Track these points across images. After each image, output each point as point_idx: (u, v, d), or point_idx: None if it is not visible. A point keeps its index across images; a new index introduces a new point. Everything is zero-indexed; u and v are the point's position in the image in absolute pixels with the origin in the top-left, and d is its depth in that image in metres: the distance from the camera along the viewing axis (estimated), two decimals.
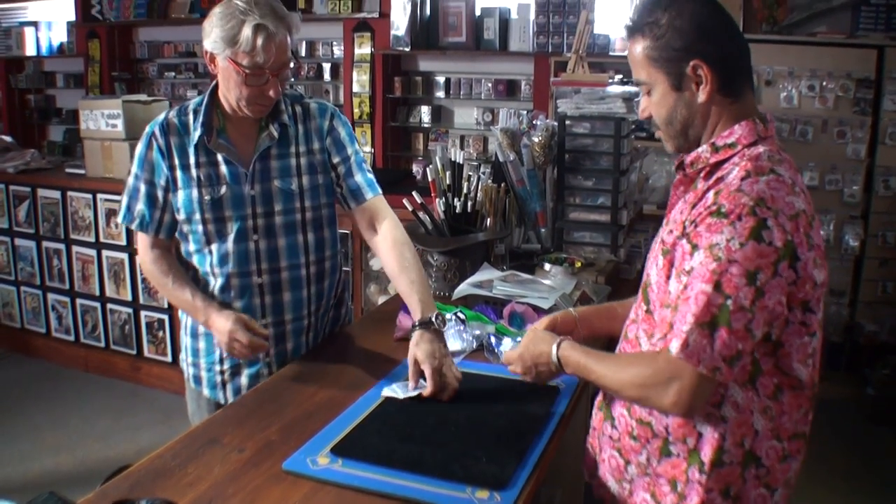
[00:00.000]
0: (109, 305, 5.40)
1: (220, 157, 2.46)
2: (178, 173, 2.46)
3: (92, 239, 5.34)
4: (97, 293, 5.42)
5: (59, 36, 8.26)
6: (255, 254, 2.51)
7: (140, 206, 2.49)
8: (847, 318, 5.24)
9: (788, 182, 1.63)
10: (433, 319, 2.27)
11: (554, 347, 1.94)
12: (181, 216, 2.48)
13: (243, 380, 2.61)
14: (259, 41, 2.26)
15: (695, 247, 1.62)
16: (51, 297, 5.69)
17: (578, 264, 3.21)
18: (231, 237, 2.48)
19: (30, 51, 8.24)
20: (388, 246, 2.53)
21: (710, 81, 1.71)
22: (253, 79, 2.32)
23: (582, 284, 2.96)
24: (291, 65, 2.40)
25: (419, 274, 2.45)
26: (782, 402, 1.69)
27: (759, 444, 1.70)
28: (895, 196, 5.05)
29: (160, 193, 2.48)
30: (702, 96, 1.73)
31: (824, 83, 5.05)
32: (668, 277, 1.71)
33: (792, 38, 5.19)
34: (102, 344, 5.51)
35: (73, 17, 7.92)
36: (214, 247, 2.50)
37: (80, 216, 5.35)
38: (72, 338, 5.66)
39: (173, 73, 7.60)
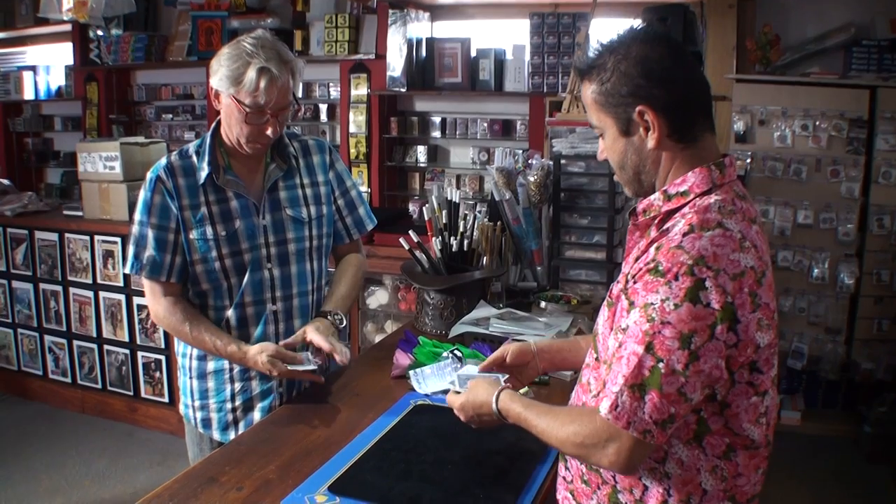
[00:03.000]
0: (106, 347, 5.39)
1: (230, 193, 2.53)
2: (189, 213, 2.50)
3: (89, 280, 5.35)
4: (94, 335, 5.42)
5: (58, 80, 8.28)
6: (269, 282, 2.58)
7: (150, 252, 2.50)
8: (843, 357, 5.23)
9: (737, 237, 1.56)
10: (332, 313, 2.61)
11: (493, 399, 1.87)
12: (196, 255, 2.51)
13: (256, 414, 2.62)
14: (262, 83, 2.34)
15: (632, 304, 1.57)
16: (48, 338, 5.68)
17: (574, 302, 3.22)
18: (247, 268, 2.54)
19: (28, 95, 8.25)
20: (348, 260, 2.87)
21: (657, 127, 1.64)
22: (253, 117, 2.39)
23: (578, 321, 2.97)
24: (292, 108, 2.49)
25: (352, 281, 2.78)
26: (737, 463, 1.64)
27: None
28: (889, 234, 5.07)
29: (171, 237, 2.50)
30: (650, 142, 1.66)
31: (817, 123, 5.09)
32: (612, 330, 1.65)
33: (785, 79, 5.24)
34: (99, 385, 5.49)
35: (71, 62, 7.94)
36: (232, 279, 2.55)
37: (77, 258, 5.36)
38: (68, 379, 5.64)
39: (171, 116, 7.61)
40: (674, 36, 1.72)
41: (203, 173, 2.50)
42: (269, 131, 2.44)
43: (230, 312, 2.57)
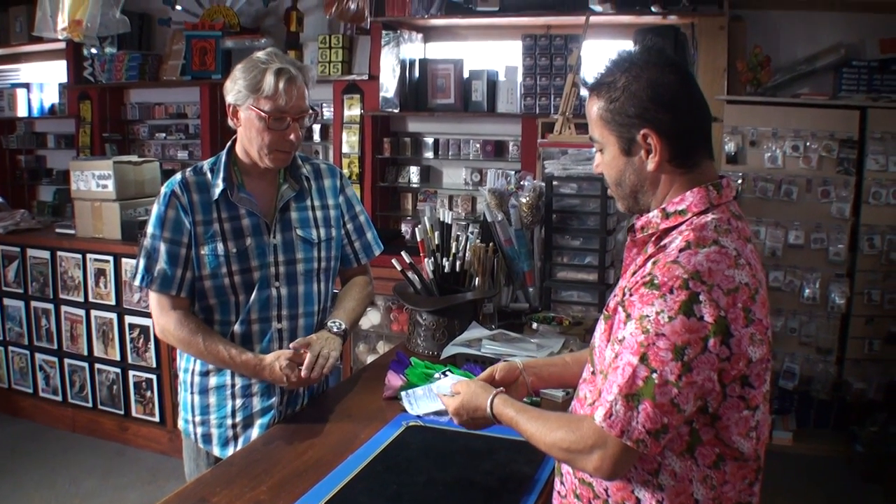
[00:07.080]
0: (97, 365, 5.38)
1: (242, 211, 2.56)
2: (201, 229, 2.52)
3: (81, 299, 5.34)
4: (85, 353, 5.40)
5: (51, 97, 8.29)
6: (276, 300, 2.60)
7: (161, 266, 2.52)
8: (834, 376, 5.24)
9: (732, 254, 1.59)
10: (334, 324, 2.63)
11: (488, 403, 1.90)
12: (206, 271, 2.53)
13: (255, 430, 2.62)
14: (281, 84, 2.41)
15: (628, 316, 1.60)
16: (38, 356, 5.66)
17: (566, 323, 3.22)
18: (255, 285, 2.56)
19: (21, 112, 8.26)
20: (356, 280, 2.91)
21: (659, 152, 1.68)
22: (275, 122, 2.44)
23: (570, 342, 2.98)
24: (309, 117, 2.56)
25: (358, 297, 2.83)
26: (725, 472, 1.66)
27: None
28: (880, 254, 5.08)
29: (183, 251, 2.52)
30: (650, 165, 1.69)
31: (808, 143, 5.11)
32: (609, 342, 1.67)
33: (776, 100, 5.26)
34: (90, 404, 5.47)
35: (65, 79, 7.96)
36: (239, 296, 2.57)
37: (69, 276, 5.36)
38: (59, 398, 5.62)
39: (164, 134, 7.62)
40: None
41: (217, 189, 2.54)
42: (291, 136, 2.48)
43: (235, 328, 2.59)
